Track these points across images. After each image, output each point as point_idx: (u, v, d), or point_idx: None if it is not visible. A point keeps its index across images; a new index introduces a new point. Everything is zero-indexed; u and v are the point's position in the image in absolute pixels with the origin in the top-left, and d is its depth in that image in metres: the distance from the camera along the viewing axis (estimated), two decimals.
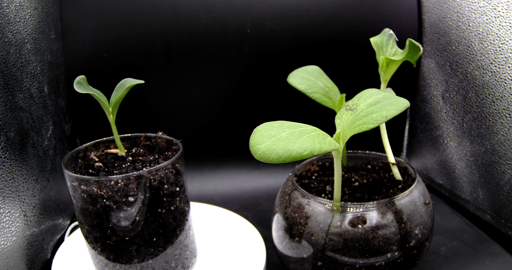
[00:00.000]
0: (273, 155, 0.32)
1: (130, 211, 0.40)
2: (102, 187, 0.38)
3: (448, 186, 0.67)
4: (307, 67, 0.49)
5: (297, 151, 0.32)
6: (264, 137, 0.34)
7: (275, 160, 0.32)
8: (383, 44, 0.45)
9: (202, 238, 0.53)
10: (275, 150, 0.32)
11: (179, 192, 0.43)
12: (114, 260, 0.42)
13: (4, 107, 0.45)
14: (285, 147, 0.32)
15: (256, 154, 0.33)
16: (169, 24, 0.67)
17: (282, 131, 0.34)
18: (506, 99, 0.52)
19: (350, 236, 0.39)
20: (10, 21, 0.49)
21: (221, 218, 0.57)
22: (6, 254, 0.42)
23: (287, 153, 0.32)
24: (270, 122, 0.36)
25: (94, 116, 0.70)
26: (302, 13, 0.69)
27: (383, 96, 0.36)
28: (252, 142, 0.33)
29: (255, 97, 0.73)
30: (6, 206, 0.43)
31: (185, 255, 0.46)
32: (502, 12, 0.51)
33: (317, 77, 0.48)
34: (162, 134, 0.48)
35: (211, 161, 0.76)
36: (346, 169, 0.50)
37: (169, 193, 0.42)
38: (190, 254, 0.47)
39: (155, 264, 0.43)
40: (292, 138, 0.33)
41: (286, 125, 0.36)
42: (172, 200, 0.42)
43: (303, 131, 0.34)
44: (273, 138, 0.33)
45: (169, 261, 0.44)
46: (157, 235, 0.42)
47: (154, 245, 0.42)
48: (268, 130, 0.34)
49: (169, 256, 0.44)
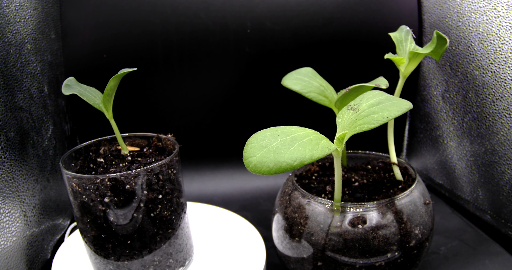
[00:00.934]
0: (264, 168, 0.32)
1: (107, 211, 0.40)
2: (81, 184, 0.39)
3: (448, 186, 0.67)
4: (300, 69, 0.50)
5: (287, 162, 0.32)
6: (255, 149, 0.34)
7: (266, 172, 0.32)
8: (402, 39, 0.44)
9: (202, 238, 0.53)
10: (265, 163, 0.32)
11: (161, 200, 0.42)
12: (96, 253, 0.43)
13: (4, 107, 0.45)
14: (275, 159, 0.32)
15: (248, 167, 0.33)
16: (169, 24, 0.67)
17: (274, 140, 0.34)
18: (506, 99, 0.52)
19: (350, 236, 0.39)
20: (10, 21, 0.49)
21: (221, 218, 0.57)
22: (6, 254, 0.42)
23: (277, 165, 0.32)
24: (263, 131, 0.36)
25: (94, 116, 0.70)
26: (302, 13, 0.69)
27: (386, 97, 0.36)
28: (245, 154, 0.34)
29: (255, 97, 0.73)
30: (6, 206, 0.43)
31: (167, 263, 0.45)
32: (502, 12, 0.51)
33: (311, 77, 0.48)
34: (171, 136, 0.48)
35: (211, 161, 0.76)
36: (346, 169, 0.50)
37: (147, 199, 0.41)
38: (174, 262, 0.46)
39: (130, 266, 0.43)
40: (282, 148, 0.33)
41: (279, 132, 0.35)
42: (153, 207, 0.41)
43: (295, 138, 0.34)
44: (264, 150, 0.33)
45: (147, 266, 0.44)
46: (132, 239, 0.41)
47: (129, 247, 0.42)
48: (260, 140, 0.34)
49: (147, 262, 0.43)
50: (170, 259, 0.45)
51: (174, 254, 0.45)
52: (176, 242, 0.45)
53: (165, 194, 0.42)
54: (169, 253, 0.45)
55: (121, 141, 0.45)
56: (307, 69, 0.50)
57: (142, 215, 0.41)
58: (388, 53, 0.43)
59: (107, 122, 0.45)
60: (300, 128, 0.36)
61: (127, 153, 0.45)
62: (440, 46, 0.40)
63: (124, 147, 0.45)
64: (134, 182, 0.39)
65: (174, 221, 0.44)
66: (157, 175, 0.41)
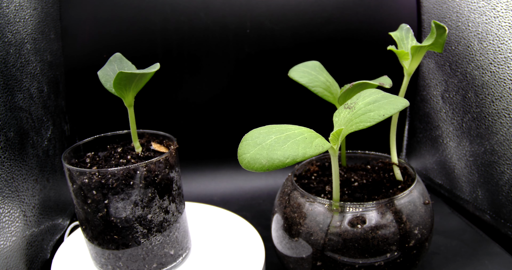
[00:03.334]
0: (257, 164, 0.33)
1: (106, 204, 0.41)
2: (75, 176, 0.40)
3: (448, 186, 0.67)
4: (308, 62, 0.49)
5: (280, 159, 0.32)
6: (249, 146, 0.34)
7: (259, 169, 0.32)
8: (402, 37, 0.45)
9: (202, 238, 0.53)
10: (258, 160, 0.33)
11: (159, 194, 0.42)
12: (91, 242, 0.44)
13: (4, 107, 0.45)
14: (268, 156, 0.33)
15: (242, 163, 0.33)
16: (169, 24, 0.67)
17: (268, 138, 0.34)
18: (505, 99, 0.52)
19: (350, 236, 0.39)
20: (10, 21, 0.49)
21: (221, 218, 0.57)
22: (6, 254, 0.42)
23: (270, 162, 0.32)
24: (258, 129, 0.36)
25: (94, 116, 0.70)
26: (302, 13, 0.69)
27: (382, 95, 0.36)
28: (239, 151, 0.34)
29: (255, 96, 0.73)
30: (5, 206, 0.43)
31: (162, 254, 0.45)
32: (501, 12, 0.51)
33: (318, 71, 0.48)
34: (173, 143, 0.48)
35: (211, 161, 0.76)
36: (345, 169, 0.50)
37: (145, 192, 0.41)
38: (168, 256, 0.46)
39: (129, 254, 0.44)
40: (276, 145, 0.33)
41: (274, 130, 0.35)
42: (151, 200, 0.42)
43: (289, 136, 0.34)
44: (258, 147, 0.34)
45: (144, 256, 0.44)
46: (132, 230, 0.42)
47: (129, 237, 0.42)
48: (254, 138, 0.35)
49: (144, 252, 0.44)
50: (165, 250, 0.46)
51: (169, 247, 0.46)
52: (171, 236, 0.46)
53: (163, 187, 0.43)
54: (164, 245, 0.45)
55: (135, 136, 0.44)
56: (315, 62, 0.49)
57: (139, 207, 0.42)
58: (391, 46, 0.43)
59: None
60: (296, 126, 0.37)
61: (140, 151, 0.45)
62: (440, 35, 0.40)
63: (138, 145, 0.45)
64: (130, 176, 0.40)
65: (172, 215, 0.45)
66: (153, 170, 0.42)
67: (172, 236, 0.45)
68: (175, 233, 0.46)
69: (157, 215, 0.43)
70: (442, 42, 0.40)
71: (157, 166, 0.42)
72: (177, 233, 0.46)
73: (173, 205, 0.45)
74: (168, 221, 0.44)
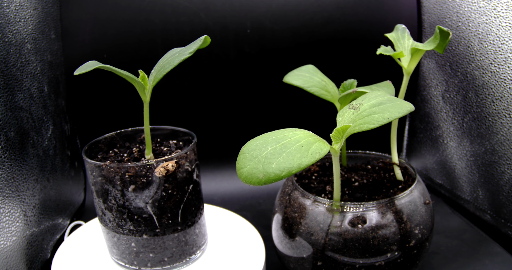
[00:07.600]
0: (254, 179, 0.33)
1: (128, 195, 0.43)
2: (93, 169, 0.43)
3: (448, 186, 0.67)
4: (302, 67, 0.50)
5: (275, 173, 0.32)
6: (246, 159, 0.34)
7: (256, 183, 0.32)
8: (398, 37, 0.45)
9: None
10: (255, 174, 0.33)
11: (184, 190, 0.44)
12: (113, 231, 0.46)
13: (4, 107, 0.45)
14: (264, 170, 0.33)
15: (240, 178, 0.33)
16: (169, 24, 0.67)
17: (264, 149, 0.34)
18: (505, 99, 0.52)
19: (350, 236, 0.39)
20: (10, 21, 0.49)
21: (221, 218, 0.57)
22: (6, 253, 0.42)
23: (266, 176, 0.32)
24: (255, 139, 0.36)
25: (94, 116, 0.70)
26: (302, 13, 0.69)
27: (388, 98, 0.36)
28: (238, 165, 0.34)
29: (255, 97, 0.73)
30: (6, 206, 0.43)
31: (183, 248, 0.47)
32: (502, 12, 0.51)
33: (312, 73, 0.48)
34: None
35: (211, 161, 0.76)
36: (346, 169, 0.50)
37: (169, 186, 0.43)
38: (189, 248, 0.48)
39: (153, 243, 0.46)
40: (271, 157, 0.33)
41: (270, 139, 0.35)
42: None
43: (285, 146, 0.34)
44: (254, 160, 0.34)
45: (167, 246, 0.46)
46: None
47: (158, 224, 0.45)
48: (251, 150, 0.35)
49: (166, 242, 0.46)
50: (186, 246, 0.47)
51: (191, 241, 0.48)
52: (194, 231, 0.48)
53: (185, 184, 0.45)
54: (185, 240, 0.47)
55: (148, 132, 0.45)
56: (308, 66, 0.50)
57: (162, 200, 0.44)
58: (380, 49, 0.43)
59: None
60: (293, 132, 0.36)
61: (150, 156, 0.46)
62: (443, 39, 0.40)
63: (149, 147, 0.45)
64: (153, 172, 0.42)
65: (194, 208, 0.47)
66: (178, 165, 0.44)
67: (202, 228, 0.48)
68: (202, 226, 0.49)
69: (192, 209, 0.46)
70: (444, 45, 0.40)
71: (187, 159, 0.44)
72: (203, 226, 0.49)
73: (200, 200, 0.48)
74: (201, 214, 0.48)
